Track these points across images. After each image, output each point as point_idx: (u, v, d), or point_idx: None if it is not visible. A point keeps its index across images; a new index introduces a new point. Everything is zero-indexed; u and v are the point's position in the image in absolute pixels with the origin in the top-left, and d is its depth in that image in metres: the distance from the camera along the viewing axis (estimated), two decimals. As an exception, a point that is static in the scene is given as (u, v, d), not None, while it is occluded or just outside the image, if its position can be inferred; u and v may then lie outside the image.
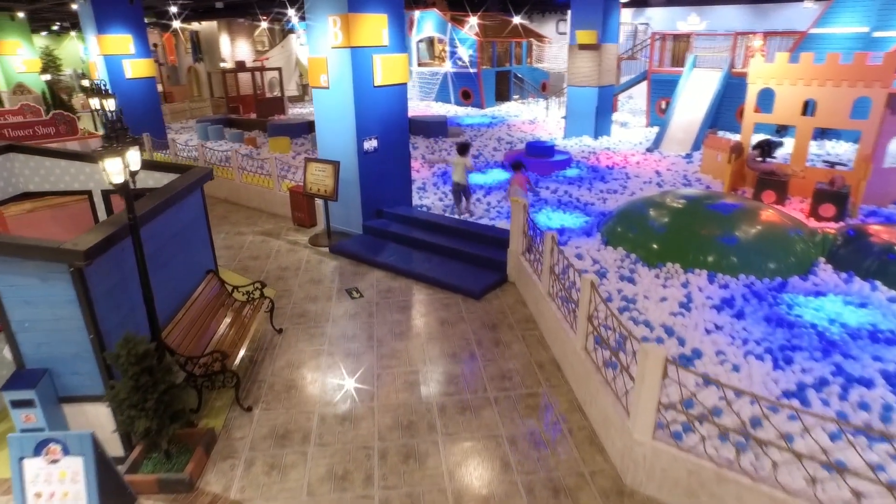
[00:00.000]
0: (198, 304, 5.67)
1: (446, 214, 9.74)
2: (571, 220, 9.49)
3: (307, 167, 9.27)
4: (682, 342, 5.61)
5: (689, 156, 14.04)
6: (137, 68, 14.81)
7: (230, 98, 21.76)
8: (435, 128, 17.04)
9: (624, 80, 19.64)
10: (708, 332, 5.87)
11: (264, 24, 28.47)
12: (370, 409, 5.18)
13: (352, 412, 5.13)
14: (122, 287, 4.49)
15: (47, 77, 17.39)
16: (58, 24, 29.68)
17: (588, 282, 4.81)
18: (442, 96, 23.88)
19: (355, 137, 8.80)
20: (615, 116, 19.55)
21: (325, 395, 5.38)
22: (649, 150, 14.69)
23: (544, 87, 25.50)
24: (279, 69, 23.04)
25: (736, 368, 5.17)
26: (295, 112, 23.10)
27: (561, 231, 8.84)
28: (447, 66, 23.06)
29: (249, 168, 11.69)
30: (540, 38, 24.81)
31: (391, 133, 9.33)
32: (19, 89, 19.26)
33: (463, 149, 9.77)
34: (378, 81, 8.81)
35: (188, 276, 5.78)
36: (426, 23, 23.31)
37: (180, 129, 20.84)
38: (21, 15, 19.57)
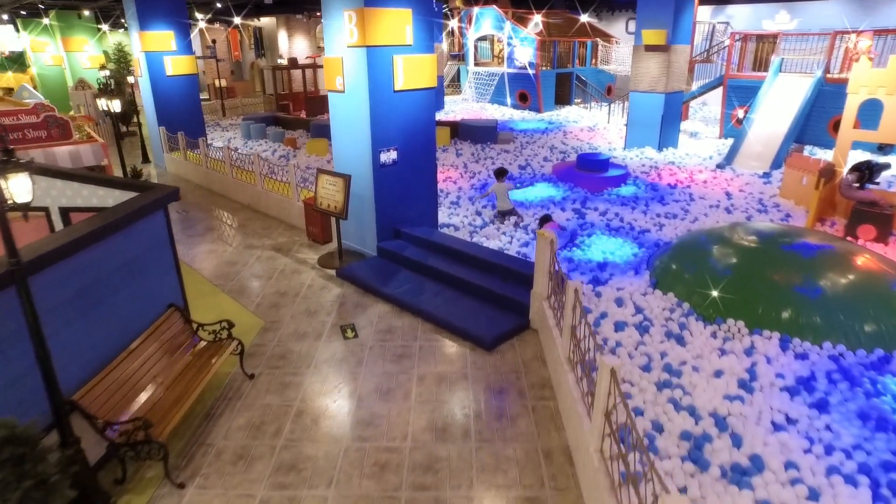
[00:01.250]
0: (145, 347, 4.83)
1: (473, 239, 8.59)
2: (618, 248, 8.11)
3: (318, 179, 8.38)
4: (737, 442, 4.23)
5: (766, 175, 12.18)
6: (178, 65, 14.51)
7: (280, 95, 21.44)
8: (483, 133, 15.87)
9: (696, 85, 17.73)
10: (776, 427, 4.45)
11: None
12: (322, 501, 4.14)
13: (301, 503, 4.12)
14: (15, 338, 3.66)
15: (105, 73, 17.58)
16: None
17: (608, 370, 3.56)
18: (498, 98, 22.63)
19: (370, 148, 7.81)
20: (684, 125, 17.68)
21: (275, 475, 4.39)
22: (720, 166, 12.91)
23: (609, 90, 23.72)
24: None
25: (814, 496, 3.76)
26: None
27: (603, 266, 7.50)
28: (504, 67, 21.79)
29: (271, 173, 10.99)
30: (607, 37, 23.07)
31: (414, 144, 8.28)
32: (80, 85, 19.67)
33: (500, 174, 9.41)
34: (399, 85, 7.77)
35: (139, 313, 4.95)
36: (484, 20, 22.13)
37: (228, 125, 20.70)
38: (87, 13, 20.00)
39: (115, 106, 8.00)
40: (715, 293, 6.35)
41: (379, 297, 7.31)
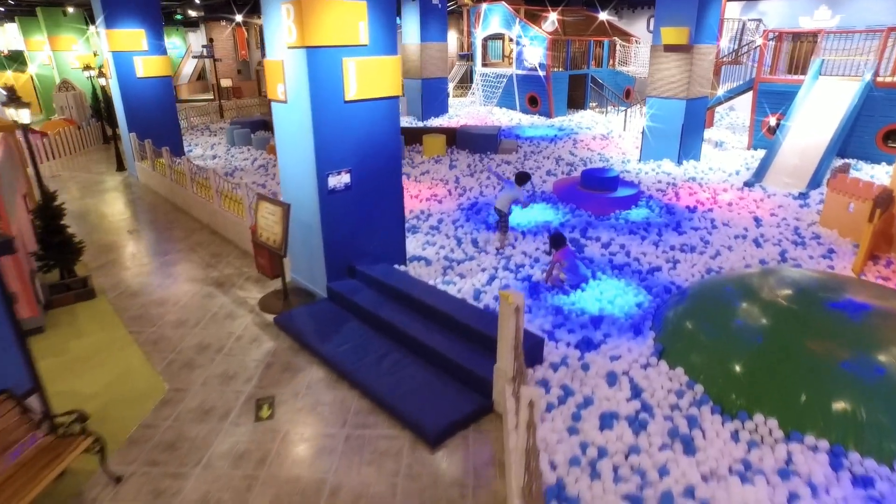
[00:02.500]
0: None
1: (445, 277, 7.16)
2: (620, 293, 6.60)
3: (258, 206, 7.04)
4: None
5: (803, 195, 10.49)
6: (150, 66, 13.36)
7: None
8: (483, 142, 14.41)
9: (723, 90, 16.00)
10: None
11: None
12: None
13: None
14: None
15: (91, 73, 16.60)
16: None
17: None
18: (506, 101, 21.12)
19: (315, 171, 6.43)
20: (708, 133, 15.96)
21: None
22: (748, 184, 11.23)
23: (628, 94, 22.02)
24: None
25: None
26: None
27: (597, 321, 6.02)
28: (513, 68, 20.27)
29: (234, 188, 9.68)
30: (626, 36, 21.38)
31: (373, 165, 6.88)
32: (64, 86, 18.76)
33: (522, 179, 8.35)
34: (351, 95, 6.38)
35: (-59, 408, 3.64)
36: (493, 17, 20.64)
37: (220, 129, 19.59)
38: (71, 10, 19.08)
39: (24, 116, 6.75)
40: (738, 370, 4.85)
41: (316, 356, 5.92)
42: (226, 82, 32.26)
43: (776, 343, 4.93)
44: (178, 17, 26.42)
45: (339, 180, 6.63)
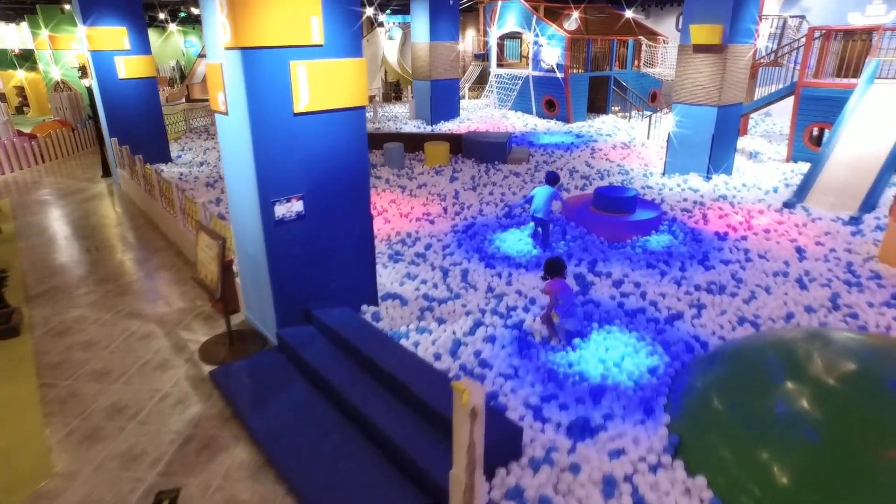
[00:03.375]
0: None
1: (419, 324, 5.99)
2: (630, 351, 5.34)
3: (198, 237, 5.95)
4: None
5: (855, 220, 9.02)
6: (133, 67, 12.46)
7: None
8: (490, 150, 13.18)
9: (759, 94, 14.48)
10: None
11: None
12: None
13: None
14: None
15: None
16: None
17: None
18: (521, 105, 19.82)
19: (258, 198, 5.31)
20: (742, 142, 14.45)
21: None
22: (789, 204, 9.78)
23: (654, 97, 20.51)
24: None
25: None
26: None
27: (598, 392, 4.79)
28: (529, 69, 18.95)
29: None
30: (653, 35, 19.88)
31: (333, 189, 5.73)
32: (60, 87, 18.11)
33: (554, 180, 8.27)
34: (302, 106, 5.23)
35: None
36: (509, 15, 19.36)
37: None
38: (68, 7, 18.44)
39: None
40: (785, 478, 3.60)
41: (245, 431, 4.80)
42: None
43: (839, 446, 3.65)
44: (182, 14, 25.72)
45: (289, 209, 5.49)
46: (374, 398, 4.70)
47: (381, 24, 27.70)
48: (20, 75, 26.65)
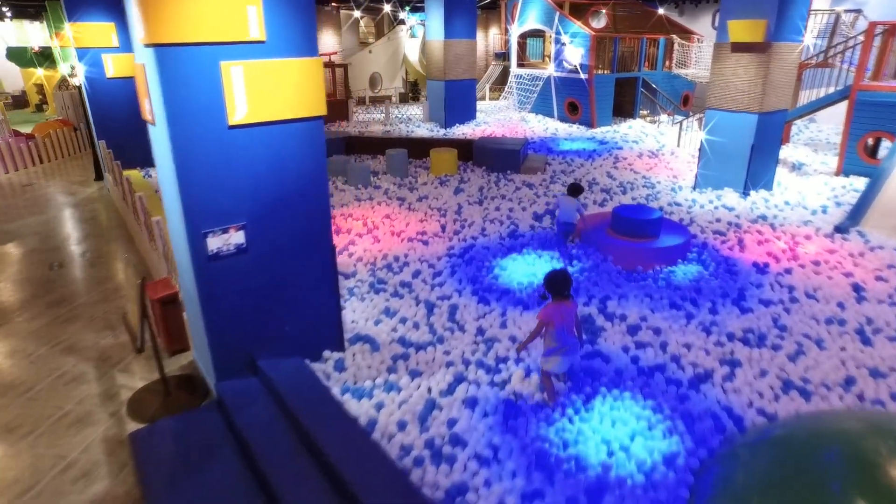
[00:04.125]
0: None
1: (389, 378, 4.97)
2: (641, 427, 4.21)
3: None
4: None
5: (924, 250, 7.66)
6: (122, 65, 11.72)
7: (285, 100, 18.46)
8: (503, 158, 12.08)
9: (806, 98, 13.04)
10: None
11: (356, 14, 25.15)
12: None
13: None
14: None
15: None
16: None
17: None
18: (542, 107, 18.62)
19: (184, 228, 4.35)
20: (784, 152, 13.03)
21: None
22: (841, 228, 8.45)
23: (686, 101, 19.07)
24: (346, 65, 19.35)
25: None
26: (360, 118, 19.32)
27: (596, 490, 3.68)
28: (550, 69, 17.75)
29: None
30: (686, 33, 18.45)
31: (284, 216, 4.73)
32: (65, 84, 17.63)
33: (577, 190, 7.90)
34: (239, 116, 4.25)
35: None
36: (530, 12, 18.18)
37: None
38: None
39: None
40: None
41: (148, 524, 3.84)
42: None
43: None
44: None
45: (227, 241, 4.51)
46: (308, 490, 3.69)
47: (402, 22, 26.80)
48: (40, 73, 26.53)
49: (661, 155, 13.45)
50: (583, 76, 16.48)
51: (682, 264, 7.27)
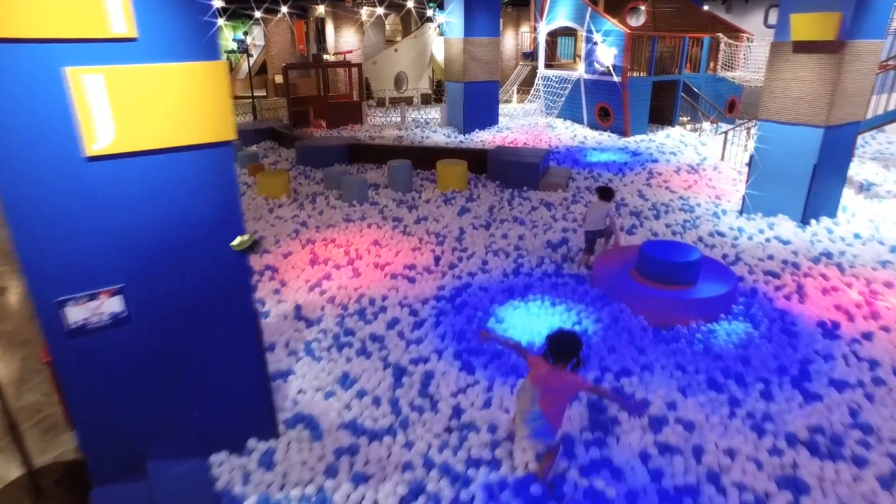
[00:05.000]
0: None
1: (311, 495, 3.71)
2: None
3: None
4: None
5: None
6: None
7: (294, 100, 17.48)
8: (520, 172, 10.68)
9: (878, 106, 11.23)
10: None
11: (379, 10, 24.02)
12: None
13: None
14: None
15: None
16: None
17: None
18: (570, 112, 17.08)
19: (30, 295, 3.17)
20: (851, 170, 11.24)
21: None
22: (932, 275, 6.78)
23: (732, 107, 17.25)
24: (359, 65, 18.20)
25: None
26: (376, 122, 18.17)
27: None
28: (580, 71, 16.20)
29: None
30: (735, 33, 16.65)
31: (183, 276, 3.51)
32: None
33: (608, 194, 7.09)
34: (102, 144, 3.03)
35: None
36: (560, 7, 16.66)
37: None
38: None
39: None
40: None
41: None
42: (279, 79, 30.36)
43: None
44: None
45: (96, 310, 3.31)
46: None
47: (429, 20, 25.57)
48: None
49: (703, 170, 11.82)
50: (616, 79, 14.91)
51: (726, 321, 5.79)
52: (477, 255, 7.48)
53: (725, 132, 12.62)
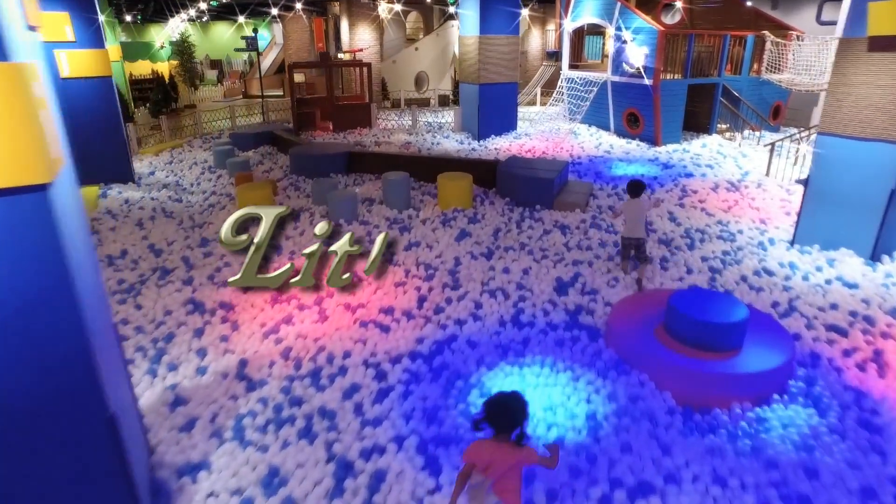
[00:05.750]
0: None
1: None
2: None
3: None
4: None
5: None
6: (80, 63, 9.90)
7: (300, 101, 16.46)
8: (532, 188, 9.37)
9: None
10: None
11: (397, 7, 22.91)
12: None
13: None
14: None
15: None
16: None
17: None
18: (596, 118, 15.63)
19: None
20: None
21: None
22: None
23: (777, 113, 15.58)
24: (368, 65, 17.07)
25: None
26: (388, 125, 17.03)
27: None
28: (607, 72, 14.74)
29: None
30: (783, 30, 14.98)
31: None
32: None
33: (637, 188, 6.40)
34: None
35: None
36: (587, 3, 15.23)
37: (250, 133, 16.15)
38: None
39: None
40: None
41: None
42: (298, 77, 29.56)
43: None
44: (215, 2, 23.69)
45: None
46: None
47: (451, 17, 24.36)
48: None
49: (745, 187, 10.31)
50: (647, 81, 13.43)
51: (781, 403, 4.43)
52: (470, 295, 6.23)
53: (772, 143, 11.05)
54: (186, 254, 7.57)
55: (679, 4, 16.35)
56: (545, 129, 15.70)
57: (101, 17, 10.10)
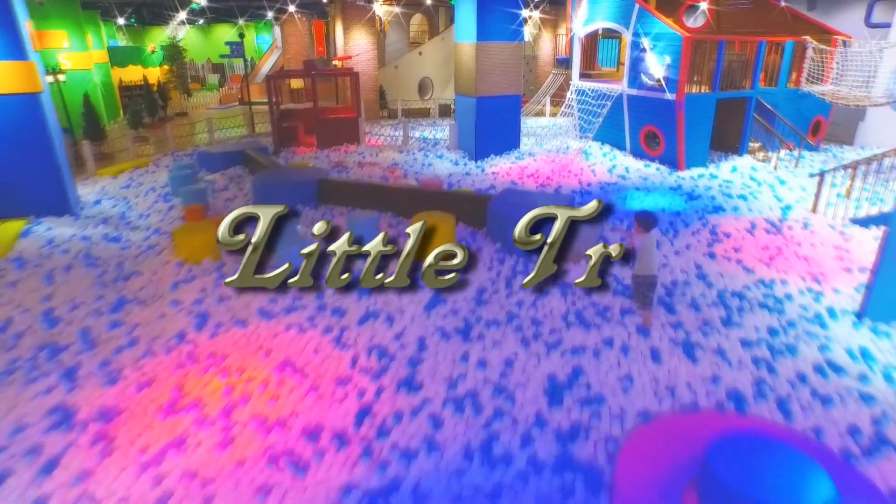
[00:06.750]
0: None
1: None
2: None
3: None
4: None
5: None
6: (-1, 80, 8.47)
7: (283, 114, 14.95)
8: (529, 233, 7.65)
9: None
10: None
11: (396, 9, 21.38)
12: None
13: None
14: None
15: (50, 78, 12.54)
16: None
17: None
18: (609, 135, 13.88)
19: None
20: None
21: None
22: None
23: (817, 129, 13.72)
24: (356, 74, 15.47)
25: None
26: (374, 142, 15.44)
27: None
28: (623, 84, 13.00)
29: None
30: (826, 35, 13.11)
31: None
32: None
33: (648, 222, 5.63)
34: None
35: None
36: (600, 5, 13.49)
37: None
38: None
39: None
40: None
41: None
42: (296, 83, 28.17)
43: None
44: (196, 6, 22.30)
45: None
46: None
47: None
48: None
49: (788, 228, 8.55)
50: (669, 96, 11.68)
51: None
52: (429, 406, 4.61)
53: (821, 176, 9.23)
54: (89, 323, 6.05)
55: (704, 5, 14.55)
56: (553, 148, 14.00)
57: (25, 23, 8.67)
